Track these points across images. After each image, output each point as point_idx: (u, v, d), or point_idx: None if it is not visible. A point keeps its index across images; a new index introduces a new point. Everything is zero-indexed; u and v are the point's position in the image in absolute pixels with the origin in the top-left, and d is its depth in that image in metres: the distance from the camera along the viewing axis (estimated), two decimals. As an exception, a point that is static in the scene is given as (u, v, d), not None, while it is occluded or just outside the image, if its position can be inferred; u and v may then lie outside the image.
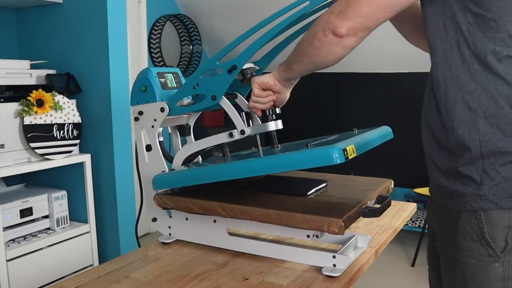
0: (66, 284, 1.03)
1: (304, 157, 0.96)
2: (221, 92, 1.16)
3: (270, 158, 1.03)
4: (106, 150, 2.43)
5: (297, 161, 0.97)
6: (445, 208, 0.96)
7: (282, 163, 0.99)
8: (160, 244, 1.24)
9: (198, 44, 4.24)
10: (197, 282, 1.02)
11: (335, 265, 1.03)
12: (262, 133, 1.18)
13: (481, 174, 0.89)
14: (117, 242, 2.48)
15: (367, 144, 1.07)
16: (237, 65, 1.13)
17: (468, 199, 0.90)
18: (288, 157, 0.99)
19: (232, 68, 1.13)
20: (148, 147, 1.26)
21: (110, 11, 2.35)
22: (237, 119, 1.17)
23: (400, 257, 3.40)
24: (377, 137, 1.16)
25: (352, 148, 0.97)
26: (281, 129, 1.18)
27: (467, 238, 0.90)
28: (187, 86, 1.20)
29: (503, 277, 0.87)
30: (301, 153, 0.97)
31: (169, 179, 1.19)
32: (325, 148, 0.94)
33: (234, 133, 1.17)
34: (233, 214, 1.07)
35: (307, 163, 0.95)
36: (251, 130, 1.17)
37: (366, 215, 1.02)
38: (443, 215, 0.98)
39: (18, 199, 2.19)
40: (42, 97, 2.12)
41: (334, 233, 0.95)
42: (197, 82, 1.17)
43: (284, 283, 1.00)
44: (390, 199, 1.11)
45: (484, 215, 0.88)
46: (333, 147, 0.93)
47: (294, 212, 1.00)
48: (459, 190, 0.92)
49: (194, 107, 1.23)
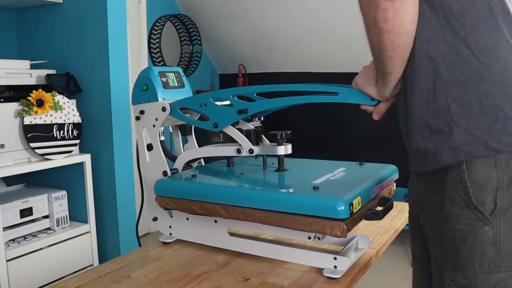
0: (66, 284, 1.03)
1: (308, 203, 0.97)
2: (224, 125, 1.18)
3: (278, 195, 1.04)
4: (106, 150, 2.43)
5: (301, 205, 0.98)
6: (427, 177, 0.93)
7: (286, 203, 1.00)
8: (161, 244, 1.24)
9: (198, 44, 4.24)
10: (198, 282, 1.02)
11: (336, 266, 1.03)
12: None
13: (450, 123, 0.85)
14: (117, 242, 2.48)
15: (371, 193, 1.08)
16: (249, 110, 1.14)
17: (442, 155, 0.86)
18: (293, 199, 1.00)
19: (243, 111, 1.15)
20: (149, 147, 1.25)
21: (110, 11, 2.35)
22: (243, 141, 1.18)
23: (401, 257, 3.40)
24: (383, 180, 1.16)
25: (358, 201, 0.98)
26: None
27: (454, 205, 0.86)
28: (194, 101, 1.21)
29: (495, 241, 0.84)
30: (308, 199, 0.98)
31: (172, 188, 1.17)
32: (332, 201, 0.95)
33: (242, 150, 1.18)
34: (235, 215, 1.07)
35: (310, 210, 0.97)
36: (259, 150, 1.18)
37: (368, 218, 1.01)
38: (428, 186, 0.94)
39: (18, 199, 2.18)
40: (42, 97, 2.12)
41: (336, 236, 0.94)
42: (206, 103, 1.19)
43: (285, 284, 1.00)
44: (393, 201, 1.11)
45: (469, 179, 0.84)
46: (340, 200, 0.94)
47: (296, 215, 1.00)
48: (432, 146, 0.88)
49: (194, 123, 1.25)
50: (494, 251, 0.84)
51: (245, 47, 4.16)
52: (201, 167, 1.33)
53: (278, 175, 1.19)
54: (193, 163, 1.33)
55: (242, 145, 1.18)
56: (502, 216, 0.83)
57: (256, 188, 1.11)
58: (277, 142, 1.17)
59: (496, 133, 0.83)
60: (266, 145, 1.19)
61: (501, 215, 0.83)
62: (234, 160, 1.29)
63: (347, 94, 1.06)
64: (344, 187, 1.02)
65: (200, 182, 1.18)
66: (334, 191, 1.01)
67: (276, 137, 1.17)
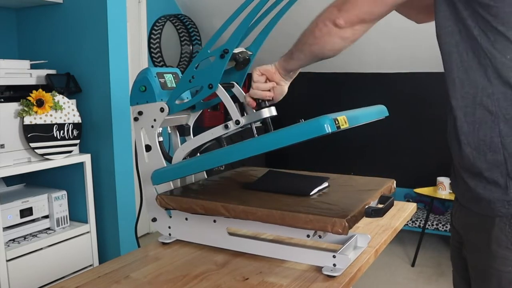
0: (66, 284, 1.03)
1: (295, 130, 0.96)
2: (217, 79, 1.16)
3: (263, 137, 1.03)
4: (106, 150, 2.43)
5: (289, 135, 0.97)
6: (476, 215, 0.96)
7: (275, 139, 0.99)
8: (160, 244, 1.24)
9: (198, 44, 4.24)
10: (197, 282, 1.02)
11: (335, 264, 1.03)
12: (260, 128, 1.18)
13: (506, 178, 0.88)
14: (117, 242, 2.48)
15: (360, 117, 1.07)
16: (228, 48, 1.13)
17: (496, 205, 0.90)
18: (280, 133, 0.99)
19: (223, 53, 1.13)
20: (147, 147, 1.25)
21: (110, 11, 2.35)
22: (232, 108, 1.17)
23: (400, 257, 3.40)
24: (371, 112, 1.16)
25: (344, 119, 0.97)
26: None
27: (502, 246, 0.89)
28: (183, 81, 1.20)
29: None
30: (292, 127, 0.97)
31: (167, 172, 1.19)
32: (316, 120, 0.94)
33: (229, 124, 1.18)
34: (236, 214, 1.07)
35: (300, 136, 0.95)
36: (245, 119, 1.18)
37: (369, 215, 1.02)
38: (474, 221, 0.97)
39: (18, 199, 2.19)
40: (42, 97, 2.12)
41: (338, 233, 0.95)
42: (192, 75, 1.18)
43: (284, 283, 1.00)
44: (393, 199, 1.11)
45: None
46: (324, 117, 0.93)
47: (298, 213, 1.00)
48: (487, 195, 0.91)
49: (193, 101, 1.23)
50: None
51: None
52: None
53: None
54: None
55: (229, 112, 1.17)
56: None
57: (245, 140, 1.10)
58: (259, 106, 1.17)
59: None
60: (250, 114, 1.19)
61: None
62: (225, 143, 1.29)
63: None
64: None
65: (192, 159, 1.19)
66: None
67: (258, 103, 1.17)
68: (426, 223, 3.38)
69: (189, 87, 1.22)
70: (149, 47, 3.81)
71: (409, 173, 3.80)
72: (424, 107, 3.68)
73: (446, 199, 3.34)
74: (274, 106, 1.20)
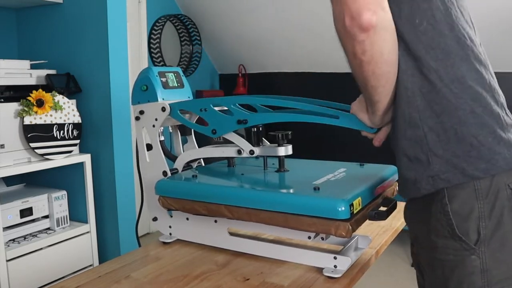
0: (66, 284, 1.03)
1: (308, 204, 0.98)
2: (223, 133, 1.18)
3: (279, 196, 1.04)
4: (106, 150, 2.43)
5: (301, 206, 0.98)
6: (415, 208, 0.95)
7: (290, 205, 1.00)
8: (161, 243, 1.24)
9: (198, 44, 4.24)
10: (198, 282, 1.02)
11: (336, 266, 1.03)
12: None
13: (428, 153, 0.87)
14: (117, 242, 2.48)
15: (372, 194, 1.08)
16: (248, 120, 1.14)
17: (421, 183, 0.89)
18: (293, 200, 1.01)
19: (242, 121, 1.15)
20: (148, 147, 1.25)
21: (110, 11, 2.35)
22: (243, 143, 1.18)
23: (401, 257, 3.40)
24: (383, 180, 1.16)
25: (359, 201, 0.99)
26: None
27: (440, 236, 0.88)
28: (195, 105, 1.21)
29: (482, 269, 0.85)
30: (307, 199, 0.99)
31: (174, 189, 1.17)
32: (333, 201, 0.95)
33: (242, 151, 1.18)
34: (239, 216, 1.06)
35: (311, 211, 0.97)
36: (260, 151, 1.18)
37: (372, 218, 1.02)
38: (416, 215, 0.97)
39: (18, 199, 2.18)
40: (42, 97, 2.12)
41: (341, 236, 0.95)
42: (206, 108, 1.19)
43: (285, 284, 1.00)
44: (396, 202, 1.11)
45: (452, 211, 0.86)
46: (341, 201, 0.95)
47: (301, 215, 0.99)
48: (412, 175, 0.90)
49: (192, 126, 1.25)
50: (482, 279, 0.86)
51: (245, 47, 4.16)
52: (202, 168, 1.33)
53: (279, 176, 1.19)
54: (193, 163, 1.33)
55: (240, 146, 1.18)
56: (486, 244, 0.85)
57: (257, 189, 1.11)
58: (277, 143, 1.17)
59: (472, 160, 0.85)
60: (266, 146, 1.19)
61: (486, 243, 0.85)
62: (234, 161, 1.29)
63: (347, 119, 1.06)
64: (345, 188, 1.02)
65: (201, 183, 1.18)
66: (335, 191, 1.01)
67: (277, 138, 1.17)
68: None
69: (196, 113, 1.23)
70: (149, 47, 3.81)
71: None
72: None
73: (446, 199, 3.33)
74: (290, 144, 1.19)
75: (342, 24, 0.82)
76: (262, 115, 1.16)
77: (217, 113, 1.18)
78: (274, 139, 1.17)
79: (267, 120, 1.15)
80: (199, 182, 1.18)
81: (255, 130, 1.19)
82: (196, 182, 1.18)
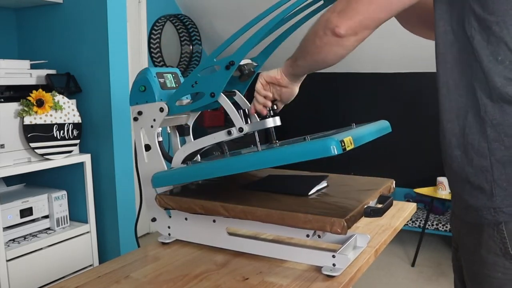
0: (66, 284, 1.03)
1: (301, 149, 0.96)
2: (220, 89, 1.16)
3: (267, 152, 1.03)
4: (106, 150, 2.43)
5: (295, 153, 0.97)
6: (466, 221, 0.96)
7: (280, 157, 0.99)
8: (160, 244, 1.24)
9: (198, 44, 4.24)
10: (197, 282, 1.02)
11: (334, 264, 1.03)
12: (261, 131, 1.18)
13: (492, 184, 0.88)
14: (117, 242, 2.48)
15: (364, 136, 1.07)
16: (235, 61, 1.12)
17: (482, 212, 0.89)
18: (285, 150, 0.99)
19: (229, 64, 1.12)
20: (147, 147, 1.26)
21: (110, 11, 2.35)
22: (235, 116, 1.17)
23: (400, 257, 3.40)
24: (375, 130, 1.16)
25: (350, 140, 0.97)
26: (280, 127, 1.18)
27: (491, 252, 0.89)
28: (186, 85, 1.20)
29: None
30: (299, 145, 0.97)
31: (168, 177, 1.19)
32: (322, 140, 0.94)
33: (232, 131, 1.17)
34: (235, 214, 1.07)
35: (305, 155, 0.95)
36: (249, 127, 1.17)
37: (368, 215, 1.02)
38: (465, 227, 0.97)
39: (18, 199, 2.19)
40: (42, 97, 2.12)
41: (336, 233, 0.95)
42: (195, 80, 1.17)
43: (284, 283, 1.00)
44: (392, 199, 1.11)
45: (506, 229, 0.87)
46: (330, 139, 0.93)
47: (297, 212, 1.00)
48: (473, 202, 0.91)
49: (193, 106, 1.23)
50: None
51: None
52: (196, 161, 1.33)
53: (270, 146, 1.18)
54: (189, 162, 1.33)
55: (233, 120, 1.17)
56: None
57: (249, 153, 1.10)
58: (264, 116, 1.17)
59: None
60: (254, 122, 1.19)
61: None
62: (227, 149, 1.29)
63: None
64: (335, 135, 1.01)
65: (194, 165, 1.19)
66: None
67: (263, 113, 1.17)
68: (426, 223, 3.38)
69: (190, 92, 1.22)
70: (149, 47, 3.81)
71: (409, 173, 3.80)
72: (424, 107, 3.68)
73: (446, 199, 3.34)
74: (278, 115, 1.19)
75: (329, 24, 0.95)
76: (244, 48, 1.13)
77: (206, 76, 1.16)
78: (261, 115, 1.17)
79: (249, 46, 1.12)
80: (192, 165, 1.19)
81: (243, 110, 1.19)
82: (189, 166, 1.20)
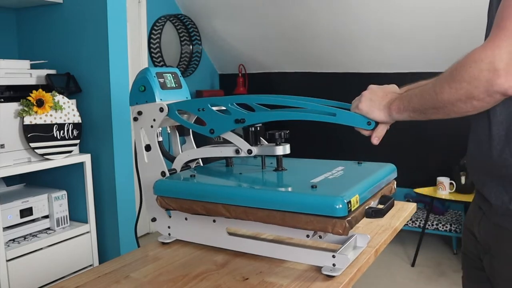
0: (66, 284, 1.03)
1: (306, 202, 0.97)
2: (220, 132, 1.18)
3: (271, 193, 1.04)
4: (106, 150, 2.43)
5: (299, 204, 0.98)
6: (503, 227, 0.96)
7: (288, 203, 1.00)
8: (160, 244, 1.24)
9: (198, 44, 4.24)
10: (197, 282, 1.02)
11: (334, 264, 1.03)
12: None
13: None
14: (117, 242, 2.48)
15: (372, 190, 1.08)
16: (246, 120, 1.14)
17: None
18: (290, 198, 1.00)
19: (240, 121, 1.15)
20: (147, 147, 1.26)
21: (110, 11, 2.35)
22: (241, 142, 1.18)
23: (400, 257, 3.40)
24: (382, 177, 1.16)
25: (357, 199, 0.99)
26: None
27: None
28: (192, 105, 1.21)
29: None
30: (304, 197, 0.98)
31: (172, 189, 1.17)
32: (330, 199, 0.95)
33: (240, 150, 1.18)
34: (236, 215, 1.07)
35: (309, 209, 0.97)
36: (258, 150, 1.18)
37: (370, 216, 1.02)
38: (505, 234, 0.97)
39: (18, 199, 2.19)
40: (42, 97, 2.12)
41: (338, 233, 0.95)
42: (204, 107, 1.19)
43: (284, 283, 1.00)
44: (394, 200, 1.11)
45: None
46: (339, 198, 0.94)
47: (298, 213, 1.00)
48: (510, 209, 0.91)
49: (190, 126, 1.25)
50: None
51: (245, 47, 4.17)
52: (200, 167, 1.34)
53: (277, 175, 1.19)
54: (191, 163, 1.33)
55: (238, 146, 1.18)
56: None
57: (255, 188, 1.11)
58: (275, 142, 1.17)
59: None
60: (264, 146, 1.19)
61: None
62: (233, 160, 1.29)
63: (344, 116, 1.07)
64: (342, 186, 1.02)
65: (199, 182, 1.18)
66: (332, 189, 1.01)
67: (274, 137, 1.17)
68: (426, 223, 3.38)
69: (194, 113, 1.23)
70: (149, 47, 3.81)
71: (409, 173, 3.80)
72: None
73: (446, 199, 3.34)
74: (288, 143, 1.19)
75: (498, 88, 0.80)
76: (260, 114, 1.16)
77: (215, 113, 1.18)
78: (272, 138, 1.18)
79: (265, 119, 1.15)
80: (197, 182, 1.18)
81: (253, 130, 1.19)
82: (194, 181, 1.19)
